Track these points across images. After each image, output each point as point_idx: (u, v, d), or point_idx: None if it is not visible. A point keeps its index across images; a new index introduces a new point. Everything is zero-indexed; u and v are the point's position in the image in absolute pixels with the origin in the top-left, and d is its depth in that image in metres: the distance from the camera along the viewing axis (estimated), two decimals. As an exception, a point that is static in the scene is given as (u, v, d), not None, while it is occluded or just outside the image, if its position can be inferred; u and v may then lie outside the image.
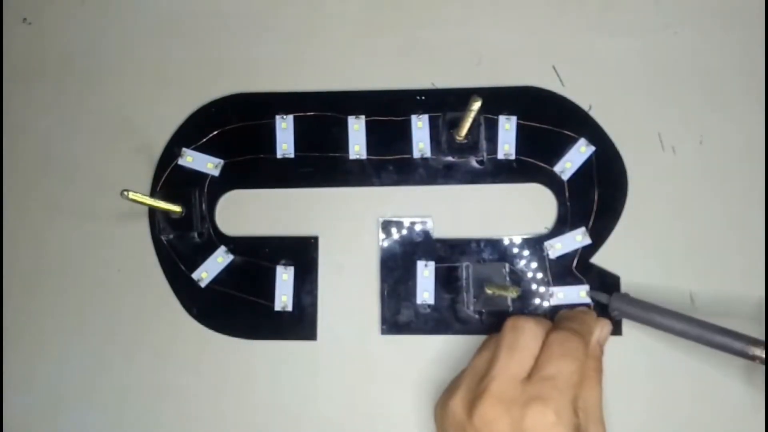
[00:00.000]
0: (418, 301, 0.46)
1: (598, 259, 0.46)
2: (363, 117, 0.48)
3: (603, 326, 0.42)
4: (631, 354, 0.45)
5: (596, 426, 0.38)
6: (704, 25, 0.49)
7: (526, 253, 0.46)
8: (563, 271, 0.46)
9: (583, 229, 0.46)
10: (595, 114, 0.47)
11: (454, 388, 0.39)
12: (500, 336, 0.40)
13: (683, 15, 0.49)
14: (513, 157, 0.47)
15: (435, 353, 0.46)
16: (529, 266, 0.46)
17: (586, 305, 0.45)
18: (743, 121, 0.47)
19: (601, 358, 0.41)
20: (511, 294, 0.45)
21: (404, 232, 0.47)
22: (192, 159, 0.48)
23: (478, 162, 0.47)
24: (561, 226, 0.46)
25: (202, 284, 0.47)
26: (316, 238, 0.48)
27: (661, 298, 0.45)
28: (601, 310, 0.44)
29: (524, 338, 0.39)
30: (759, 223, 0.46)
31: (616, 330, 0.45)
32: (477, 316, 0.46)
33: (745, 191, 0.47)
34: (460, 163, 0.47)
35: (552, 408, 0.36)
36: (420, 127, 0.48)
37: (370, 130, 0.48)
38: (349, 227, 0.48)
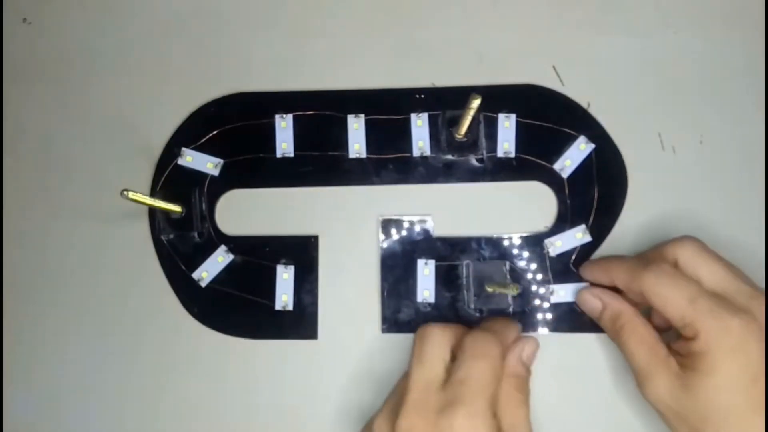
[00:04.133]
0: (419, 299, 0.46)
1: (599, 256, 0.46)
2: (362, 116, 0.48)
3: (528, 344, 0.41)
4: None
5: None
6: (704, 25, 0.49)
7: (526, 251, 0.46)
8: (564, 268, 0.46)
9: (583, 226, 0.46)
10: (594, 112, 0.47)
11: (377, 411, 0.39)
12: (412, 348, 0.40)
13: (683, 15, 0.49)
14: (513, 155, 0.47)
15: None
16: (529, 264, 0.46)
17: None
18: (743, 121, 0.47)
19: (527, 378, 0.41)
20: (511, 292, 0.45)
21: (404, 230, 0.47)
22: (192, 159, 0.48)
23: (477, 160, 0.47)
24: (561, 224, 0.46)
25: (203, 284, 0.47)
26: (316, 237, 0.47)
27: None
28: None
29: (430, 345, 0.39)
30: (759, 223, 0.46)
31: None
32: (477, 315, 0.46)
33: (745, 191, 0.47)
34: (460, 162, 0.47)
35: (464, 411, 0.35)
36: (419, 125, 0.48)
37: (370, 128, 0.48)
38: (349, 226, 0.48)
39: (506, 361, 0.40)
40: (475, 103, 0.41)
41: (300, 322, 0.47)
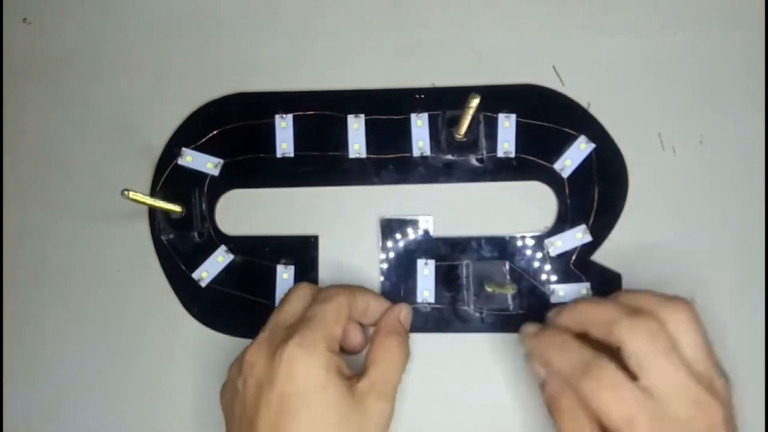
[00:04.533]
0: (419, 299, 0.46)
1: (599, 256, 0.46)
2: (362, 116, 0.48)
3: (405, 307, 0.44)
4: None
5: (379, 397, 0.39)
6: (704, 25, 0.49)
7: (526, 251, 0.46)
8: (564, 268, 0.46)
9: (583, 226, 0.46)
10: (594, 111, 0.47)
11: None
12: None
13: (683, 15, 0.49)
14: (513, 154, 0.47)
15: (435, 352, 0.46)
16: (529, 264, 0.46)
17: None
18: (743, 121, 0.47)
19: (405, 336, 0.43)
20: (509, 291, 0.45)
21: (404, 230, 0.47)
22: (192, 159, 0.48)
23: (477, 160, 0.47)
24: (561, 224, 0.46)
25: (203, 284, 0.47)
26: (316, 237, 0.47)
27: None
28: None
29: (292, 295, 0.42)
30: (759, 223, 0.46)
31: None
32: (477, 315, 0.46)
33: (745, 191, 0.47)
34: (460, 162, 0.47)
35: (297, 340, 0.38)
36: (419, 125, 0.48)
37: (370, 128, 0.48)
38: (349, 226, 0.48)
39: (385, 320, 0.43)
40: (475, 102, 0.41)
41: (300, 322, 0.47)
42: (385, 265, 0.47)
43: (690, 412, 0.35)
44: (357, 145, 0.48)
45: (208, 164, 0.48)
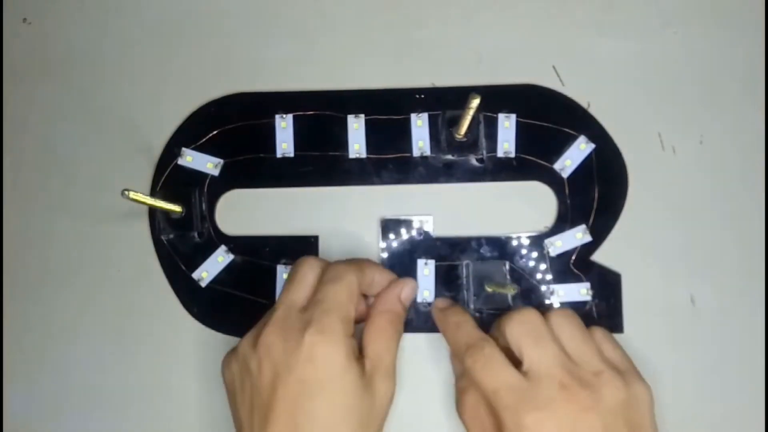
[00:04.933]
0: (419, 299, 0.46)
1: (599, 256, 0.46)
2: (362, 116, 0.48)
3: (407, 284, 0.44)
4: (631, 352, 0.45)
5: (383, 377, 0.39)
6: (704, 25, 0.49)
7: (526, 251, 0.46)
8: (564, 268, 0.46)
9: (583, 226, 0.46)
10: (594, 112, 0.47)
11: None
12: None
13: (683, 15, 0.49)
14: (513, 155, 0.47)
15: (435, 352, 0.46)
16: (529, 264, 0.46)
17: (586, 303, 0.45)
18: (743, 121, 0.47)
19: (401, 315, 0.43)
20: (509, 291, 0.45)
21: (404, 230, 0.47)
22: (192, 159, 0.48)
23: (477, 160, 0.47)
24: (561, 224, 0.46)
25: (203, 284, 0.47)
26: (316, 238, 0.48)
27: (661, 297, 0.46)
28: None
29: (301, 270, 0.41)
30: (759, 223, 0.46)
31: (618, 327, 0.45)
32: (478, 315, 0.46)
33: (745, 191, 0.47)
34: (460, 162, 0.47)
35: (316, 327, 0.38)
36: (419, 125, 0.48)
37: (370, 128, 0.48)
38: (349, 226, 0.48)
39: (384, 296, 0.43)
40: (475, 102, 0.41)
41: (300, 322, 0.47)
42: (384, 266, 0.47)
43: (555, 394, 0.37)
44: (357, 145, 0.48)
45: (208, 164, 0.48)
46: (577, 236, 0.46)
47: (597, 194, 0.46)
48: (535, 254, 0.46)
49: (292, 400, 0.37)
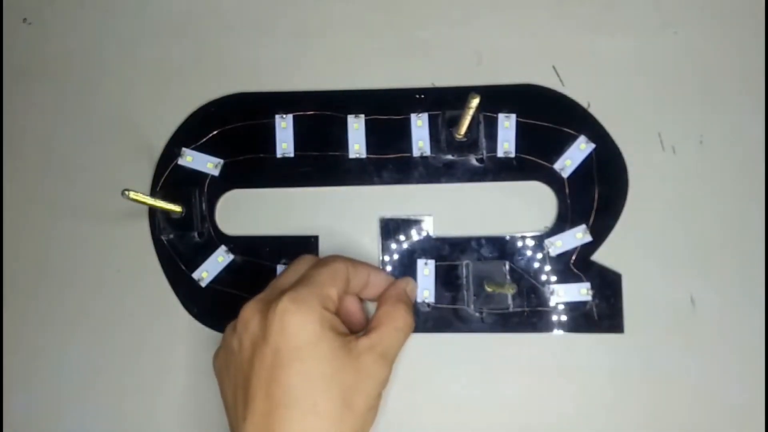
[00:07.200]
0: (419, 299, 0.46)
1: (599, 256, 0.46)
2: (362, 116, 0.48)
3: (411, 281, 0.45)
4: (631, 352, 0.45)
5: (378, 357, 0.39)
6: (704, 25, 0.49)
7: (526, 251, 0.46)
8: (564, 268, 0.46)
9: (583, 226, 0.46)
10: (594, 111, 0.47)
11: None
12: None
13: (683, 15, 0.49)
14: (513, 154, 0.47)
15: (435, 352, 0.46)
16: (529, 264, 0.46)
17: (586, 303, 0.45)
18: (743, 121, 0.47)
19: (410, 305, 0.43)
20: (508, 291, 0.45)
21: (404, 230, 0.47)
22: (192, 159, 0.48)
23: (477, 160, 0.47)
24: (561, 224, 0.46)
25: (203, 284, 0.47)
26: (316, 238, 0.48)
27: (661, 297, 0.46)
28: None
29: (296, 263, 0.42)
30: (759, 223, 0.46)
31: (618, 327, 0.45)
32: (477, 315, 0.46)
33: (745, 191, 0.47)
34: (460, 162, 0.47)
35: (291, 296, 0.38)
36: (419, 125, 0.48)
37: (370, 128, 0.48)
38: (349, 226, 0.48)
39: (393, 289, 0.43)
40: (474, 102, 0.41)
41: (300, 322, 0.47)
42: (384, 266, 0.47)
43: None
44: (357, 145, 0.48)
45: (208, 164, 0.48)
46: (578, 236, 0.46)
47: (597, 194, 0.46)
48: (535, 254, 0.46)
49: (267, 371, 0.37)
